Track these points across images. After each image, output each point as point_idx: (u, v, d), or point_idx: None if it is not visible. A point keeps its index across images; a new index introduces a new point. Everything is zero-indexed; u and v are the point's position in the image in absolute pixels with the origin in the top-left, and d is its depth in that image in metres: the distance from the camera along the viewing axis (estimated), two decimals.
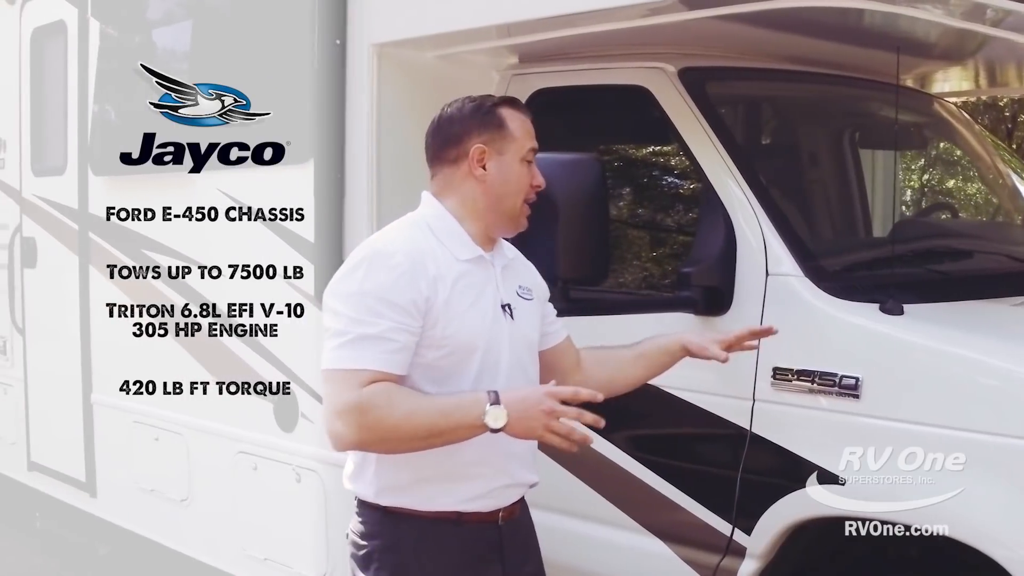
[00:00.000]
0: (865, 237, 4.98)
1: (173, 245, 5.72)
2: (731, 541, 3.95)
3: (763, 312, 3.88)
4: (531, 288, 3.36)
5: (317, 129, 4.90)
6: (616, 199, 4.74)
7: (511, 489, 3.26)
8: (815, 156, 5.20)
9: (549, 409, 2.89)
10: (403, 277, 3.01)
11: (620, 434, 4.23)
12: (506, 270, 3.28)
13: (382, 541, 3.17)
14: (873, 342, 3.68)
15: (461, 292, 3.10)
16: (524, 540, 3.38)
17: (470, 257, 3.17)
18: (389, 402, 2.93)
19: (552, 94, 4.66)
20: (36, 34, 7.14)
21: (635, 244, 4.66)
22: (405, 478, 3.13)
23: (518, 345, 3.22)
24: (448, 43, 4.77)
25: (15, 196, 7.40)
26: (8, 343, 7.57)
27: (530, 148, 3.22)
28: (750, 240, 3.97)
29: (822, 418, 3.71)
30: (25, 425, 7.42)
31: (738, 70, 4.77)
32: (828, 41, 4.65)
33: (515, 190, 3.20)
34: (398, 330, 2.99)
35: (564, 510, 4.34)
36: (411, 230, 3.18)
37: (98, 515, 6.81)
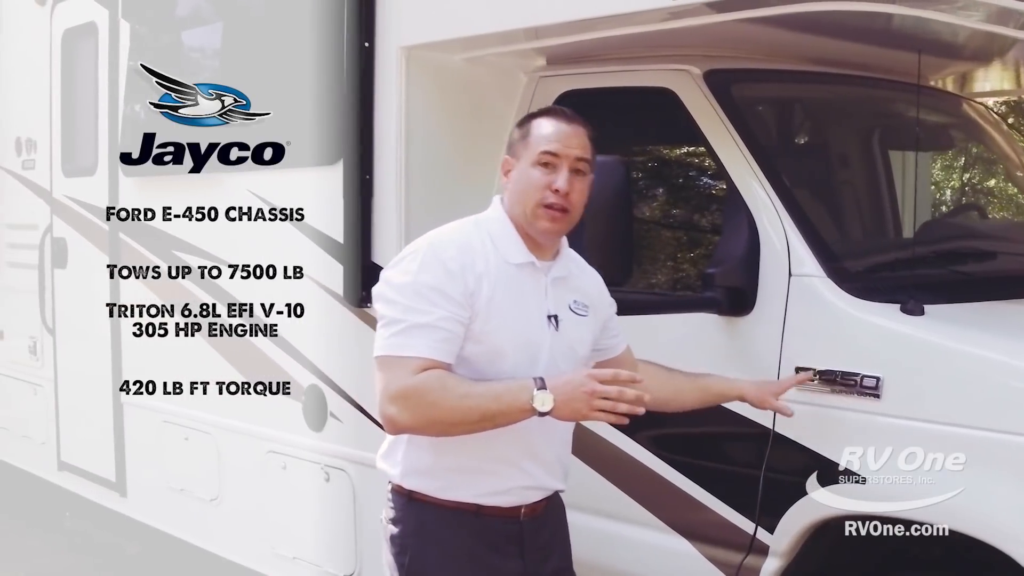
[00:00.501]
0: (888, 238, 5.05)
1: (202, 245, 5.87)
2: (754, 539, 4.05)
3: (786, 313, 3.98)
4: (588, 306, 3.49)
5: (347, 131, 5.01)
6: (641, 200, 4.84)
7: (532, 491, 3.40)
8: (839, 157, 5.26)
9: (591, 390, 3.04)
10: (454, 270, 3.19)
11: (644, 433, 4.34)
12: (559, 282, 3.42)
13: (406, 526, 3.36)
14: (893, 342, 3.77)
15: (505, 293, 3.26)
16: (550, 538, 3.50)
17: (521, 262, 3.32)
18: (443, 387, 3.11)
19: (579, 96, 4.75)
20: (67, 35, 7.29)
21: (659, 245, 4.76)
22: (430, 463, 3.31)
23: (558, 354, 3.35)
24: (476, 46, 4.87)
25: (45, 196, 7.54)
26: (38, 343, 7.70)
27: (543, 150, 3.30)
28: (773, 241, 4.07)
29: (844, 417, 3.80)
30: (55, 425, 7.56)
31: (763, 72, 4.86)
32: (853, 42, 4.72)
33: (525, 193, 3.32)
34: (449, 319, 3.17)
35: (589, 508, 4.45)
36: (468, 228, 3.36)
37: (128, 515, 6.95)
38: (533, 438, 3.27)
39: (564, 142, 3.31)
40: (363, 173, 4.97)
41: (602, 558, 4.44)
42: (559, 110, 3.45)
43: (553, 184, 3.29)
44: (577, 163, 3.32)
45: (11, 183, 8.03)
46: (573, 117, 3.40)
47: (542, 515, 3.45)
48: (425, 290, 3.17)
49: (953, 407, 3.61)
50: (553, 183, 3.29)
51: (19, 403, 8.11)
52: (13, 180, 8.01)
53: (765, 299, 4.05)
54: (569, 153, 3.31)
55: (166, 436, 6.45)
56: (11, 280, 8.10)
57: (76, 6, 7.22)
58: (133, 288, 6.16)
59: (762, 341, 4.04)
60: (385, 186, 4.93)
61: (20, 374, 8.05)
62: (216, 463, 6.15)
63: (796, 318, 3.97)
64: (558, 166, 3.30)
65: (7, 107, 8.15)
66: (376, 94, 4.95)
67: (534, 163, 3.31)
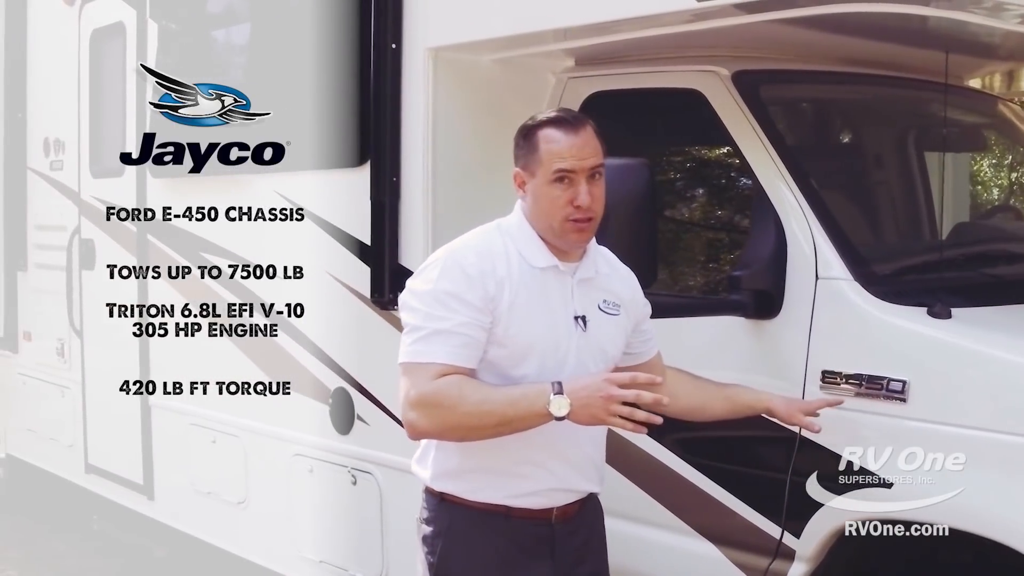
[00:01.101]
0: (917, 240, 5.08)
1: (228, 247, 5.97)
2: (780, 544, 4.09)
3: (812, 316, 4.03)
4: (619, 305, 3.54)
5: (374, 133, 5.10)
6: (668, 203, 4.91)
7: (562, 493, 3.47)
8: (868, 159, 5.30)
9: (607, 395, 3.11)
10: (474, 276, 3.27)
11: (671, 436, 4.39)
12: (586, 283, 3.47)
13: (436, 527, 3.46)
14: (920, 345, 3.82)
15: (528, 296, 3.33)
16: (583, 543, 3.56)
17: (544, 265, 3.39)
18: (460, 392, 3.20)
19: (607, 98, 4.83)
20: (95, 35, 7.40)
21: (686, 247, 4.83)
22: (457, 466, 3.40)
23: (586, 355, 3.41)
24: (504, 47, 4.94)
25: (73, 198, 7.65)
26: (66, 345, 7.81)
27: (559, 169, 3.32)
28: (801, 244, 4.12)
29: (870, 421, 3.84)
30: (82, 428, 7.67)
31: (792, 73, 4.90)
32: (884, 42, 4.75)
33: (548, 212, 3.36)
34: (469, 325, 3.25)
35: (615, 512, 4.50)
36: (490, 234, 3.44)
37: (155, 518, 7.06)
38: (560, 439, 3.32)
39: (577, 155, 3.34)
40: (390, 175, 5.04)
41: (628, 561, 4.48)
42: (562, 117, 3.45)
43: (575, 200, 3.32)
44: (593, 171, 3.36)
45: (40, 184, 8.16)
46: (578, 122, 3.42)
47: (575, 519, 3.52)
48: (444, 296, 3.26)
49: (979, 411, 3.65)
50: (575, 199, 3.32)
51: (46, 405, 8.22)
52: (41, 181, 8.14)
53: (792, 302, 4.10)
54: (584, 166, 3.34)
55: (193, 439, 6.55)
56: (39, 281, 8.23)
57: (104, 6, 7.33)
58: (160, 289, 6.27)
59: (788, 345, 4.09)
60: (412, 188, 5.00)
61: (47, 376, 8.16)
62: (243, 466, 6.25)
63: (823, 321, 4.02)
64: (575, 180, 3.33)
65: (36, 108, 8.28)
66: (403, 96, 5.03)
67: (551, 181, 3.34)
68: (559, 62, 5.12)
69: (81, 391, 7.66)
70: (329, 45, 5.44)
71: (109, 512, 7.66)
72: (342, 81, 5.32)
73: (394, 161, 5.05)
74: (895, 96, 5.27)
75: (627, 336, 3.61)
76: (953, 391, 3.73)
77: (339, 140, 5.33)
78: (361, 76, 5.16)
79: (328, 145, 5.38)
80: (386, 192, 5.04)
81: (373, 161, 5.12)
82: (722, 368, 4.24)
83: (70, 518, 8.29)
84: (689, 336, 4.29)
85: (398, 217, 5.06)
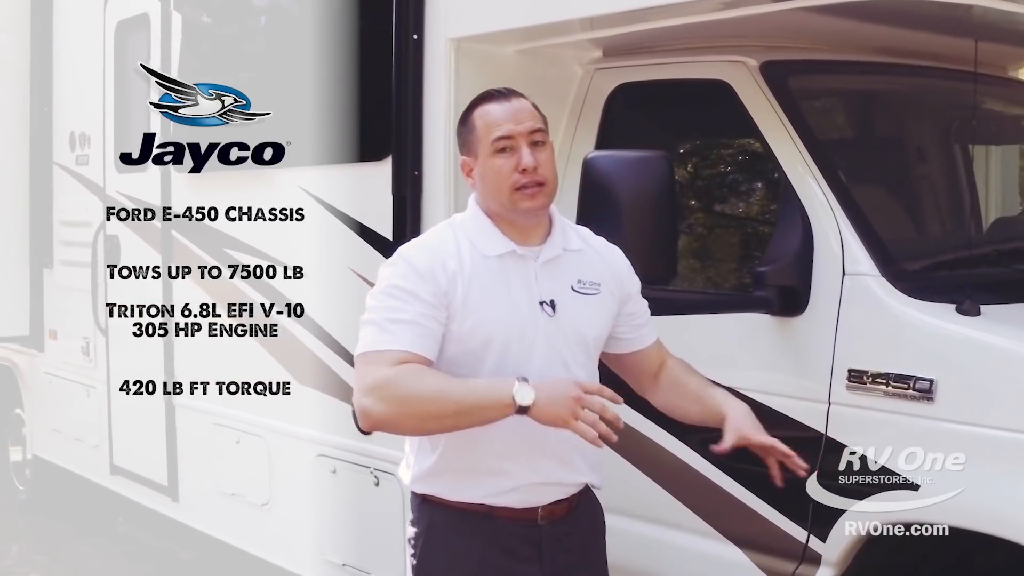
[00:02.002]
0: (947, 236, 5.06)
1: (251, 243, 6.03)
2: (806, 548, 4.10)
3: (839, 313, 4.04)
4: (599, 283, 3.50)
5: (395, 126, 5.13)
6: (693, 195, 4.93)
7: (546, 488, 3.44)
8: (900, 152, 5.27)
9: (576, 396, 3.10)
10: (424, 272, 3.30)
11: (695, 436, 4.38)
12: (553, 263, 3.44)
13: (418, 527, 3.48)
14: (947, 343, 3.82)
15: (483, 289, 3.33)
16: (575, 545, 3.53)
17: (500, 252, 3.39)
18: (419, 378, 3.19)
19: (633, 89, 4.87)
20: (120, 27, 7.48)
21: (710, 242, 4.84)
22: (434, 466, 3.40)
23: (558, 341, 3.39)
24: (529, 37, 4.96)
25: (99, 193, 7.73)
26: (91, 344, 7.89)
27: (496, 137, 3.36)
28: (828, 239, 4.11)
29: (897, 422, 3.85)
30: (108, 428, 7.76)
31: (823, 63, 4.89)
32: (918, 31, 4.74)
33: (495, 185, 3.38)
34: (424, 315, 3.26)
35: (639, 514, 4.56)
36: (442, 230, 3.49)
37: (180, 520, 7.14)
38: (540, 428, 3.22)
39: (513, 120, 3.37)
40: (412, 169, 5.07)
41: (651, 565, 4.53)
42: (493, 92, 3.48)
43: (519, 165, 3.34)
44: (533, 135, 3.38)
45: (65, 179, 8.23)
46: (510, 93, 3.45)
47: (565, 519, 3.49)
48: (397, 292, 3.28)
49: (1008, 411, 3.65)
50: (519, 164, 3.35)
51: (72, 405, 8.31)
52: (67, 176, 8.21)
53: (818, 299, 4.10)
54: (522, 129, 3.37)
55: (217, 439, 6.63)
56: (64, 279, 8.30)
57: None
58: (185, 287, 6.34)
59: (814, 343, 4.09)
60: (434, 182, 5.03)
61: (73, 375, 8.25)
62: (267, 467, 6.30)
63: (849, 319, 4.02)
64: (516, 147, 3.36)
65: (61, 101, 8.35)
66: (425, 88, 5.06)
67: (492, 153, 3.38)
68: (586, 53, 5.13)
69: (106, 391, 7.73)
70: (353, 37, 5.49)
71: (134, 514, 7.76)
72: (366, 73, 5.37)
73: (416, 155, 5.07)
74: (930, 87, 5.25)
75: (612, 317, 3.57)
76: (981, 390, 3.73)
77: (360, 134, 5.38)
78: (383, 68, 5.18)
79: (350, 139, 5.43)
80: (408, 186, 5.07)
81: (395, 155, 5.15)
82: (746, 367, 4.28)
83: (96, 520, 8.40)
84: (712, 334, 4.31)
85: (420, 212, 5.09)
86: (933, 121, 5.44)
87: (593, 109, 4.97)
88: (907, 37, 4.81)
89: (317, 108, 5.56)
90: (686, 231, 4.72)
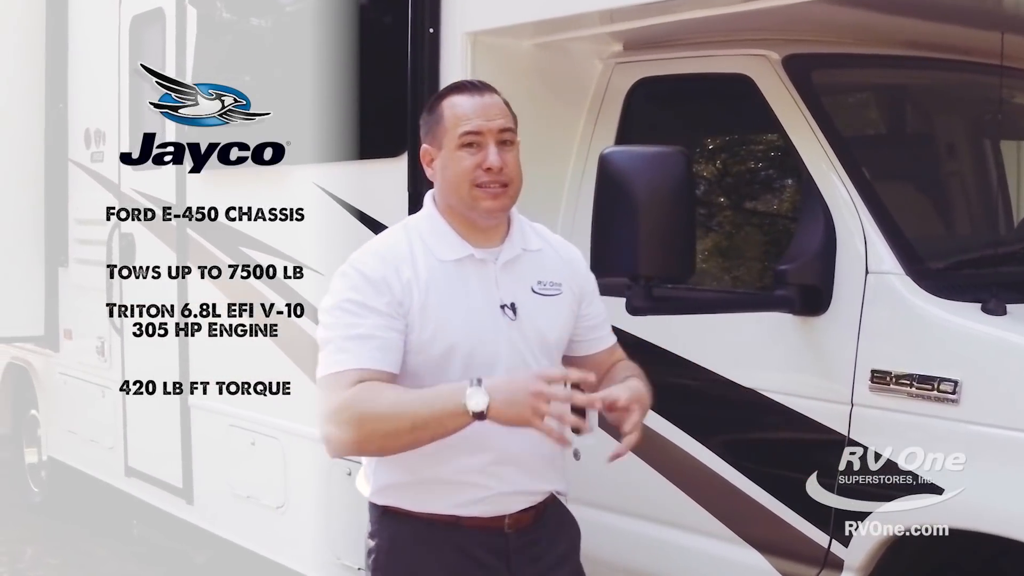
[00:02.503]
0: (974, 234, 5.01)
1: (268, 241, 6.01)
2: (828, 553, 4.06)
3: (862, 312, 4.01)
4: (559, 283, 3.43)
5: (411, 121, 5.09)
6: (713, 192, 4.91)
7: (514, 497, 3.36)
8: (927, 148, 5.23)
9: (537, 391, 2.92)
10: (376, 280, 3.20)
11: (715, 438, 4.40)
12: (512, 266, 3.37)
13: (379, 540, 3.38)
14: (973, 343, 3.79)
15: (441, 295, 3.25)
16: (542, 554, 3.44)
17: (456, 257, 3.31)
18: (373, 396, 3.06)
19: (654, 84, 4.84)
20: (135, 22, 7.48)
21: (730, 239, 4.80)
22: (400, 479, 3.31)
23: (522, 347, 3.32)
24: (547, 30, 4.93)
25: (114, 190, 7.72)
26: (106, 344, 7.89)
27: (464, 131, 3.26)
28: (851, 236, 4.09)
29: (920, 424, 3.81)
30: (122, 429, 7.76)
31: (848, 57, 4.85)
32: (946, 24, 4.69)
33: (455, 181, 3.28)
34: (382, 327, 3.17)
35: (657, 517, 4.55)
36: (395, 235, 3.39)
37: (194, 523, 7.13)
38: (502, 438, 3.15)
39: (483, 116, 3.28)
40: None
41: (670, 569, 4.51)
42: (466, 83, 3.41)
43: (484, 163, 3.25)
44: (502, 134, 3.29)
45: (80, 176, 8.23)
46: (483, 87, 3.36)
47: (533, 528, 3.42)
48: (350, 305, 3.19)
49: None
50: (484, 162, 3.25)
51: (87, 406, 8.32)
52: (82, 173, 8.20)
53: (840, 298, 4.07)
54: (491, 127, 3.27)
55: (232, 441, 6.62)
56: (79, 277, 8.30)
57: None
58: (202, 287, 6.34)
59: (837, 343, 4.06)
60: None
61: (88, 376, 8.26)
62: (282, 469, 6.29)
63: (872, 318, 3.99)
64: (483, 144, 3.27)
65: (77, 97, 8.35)
66: (441, 83, 4.97)
67: (457, 147, 3.28)
68: (606, 47, 5.11)
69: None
70: (369, 30, 5.48)
71: (149, 516, 7.75)
72: (382, 68, 5.36)
73: None
74: (958, 81, 5.22)
75: (573, 318, 3.49)
76: (1006, 391, 3.69)
77: (376, 129, 5.37)
78: (399, 62, 5.16)
79: (365, 135, 5.43)
80: (423, 183, 5.02)
81: (411, 151, 5.10)
82: (767, 368, 4.26)
83: (111, 523, 8.41)
84: (732, 333, 4.29)
85: None
86: (961, 116, 5.39)
87: (612, 104, 4.95)
88: (934, 30, 4.76)
89: (333, 104, 5.54)
90: (706, 228, 4.70)
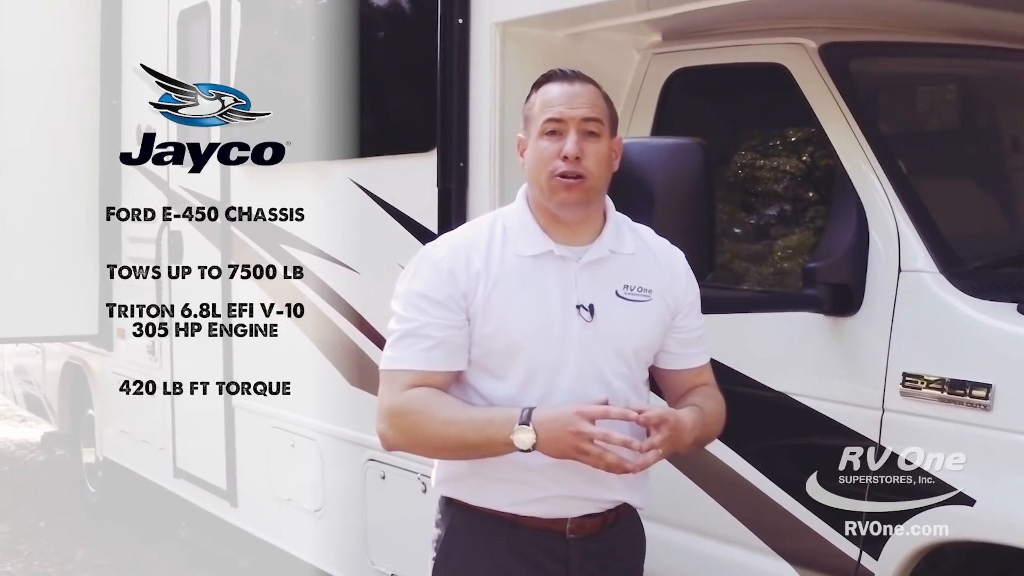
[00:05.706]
0: (1014, 232, 4.84)
1: (306, 239, 5.99)
2: (859, 566, 3.97)
3: (894, 312, 3.89)
4: (650, 289, 3.31)
5: (440, 116, 5.04)
6: (743, 187, 4.79)
7: (574, 501, 3.28)
8: (968, 141, 5.11)
9: (576, 431, 3.01)
10: (443, 271, 3.19)
11: (748, 447, 4.30)
12: (597, 265, 3.27)
13: (442, 530, 3.41)
14: (1007, 345, 3.67)
15: (509, 291, 3.20)
16: (609, 565, 3.37)
17: (534, 253, 3.25)
18: (426, 409, 3.16)
19: (690, 74, 4.75)
20: (182, 17, 7.51)
21: (759, 236, 4.69)
22: (460, 471, 3.31)
23: (595, 350, 3.23)
24: (581, 19, 4.84)
25: (163, 188, 7.74)
26: (156, 344, 7.90)
27: (547, 119, 3.21)
28: (884, 233, 3.98)
29: (951, 430, 3.70)
30: (171, 430, 7.79)
31: (887, 45, 4.72)
32: (994, 10, 4.58)
33: (536, 169, 3.23)
34: (436, 326, 3.17)
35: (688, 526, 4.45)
36: (478, 225, 3.37)
37: (237, 525, 7.15)
38: None
39: (567, 104, 3.22)
40: (457, 161, 4.99)
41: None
42: (560, 71, 3.33)
43: (562, 151, 3.19)
44: (585, 124, 3.22)
45: (133, 174, 8.24)
46: (575, 76, 3.30)
47: (598, 536, 3.33)
48: (415, 297, 3.22)
49: None
50: (561, 150, 3.19)
51: (139, 407, 8.29)
52: (134, 171, 8.20)
53: (872, 297, 3.97)
54: (574, 115, 3.21)
55: (273, 443, 6.61)
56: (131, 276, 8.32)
57: None
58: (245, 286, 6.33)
59: (868, 344, 3.96)
60: (480, 174, 4.94)
61: (140, 375, 8.25)
62: (320, 472, 6.26)
63: (905, 318, 3.88)
64: (565, 132, 3.21)
65: (129, 94, 8.38)
66: (471, 76, 4.96)
67: (541, 134, 3.23)
68: (644, 37, 5.02)
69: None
70: (400, 24, 5.44)
71: (196, 518, 7.79)
72: (409, 60, 5.33)
73: (461, 146, 4.99)
74: (1007, 71, 5.07)
75: (663, 327, 3.36)
76: None
77: (406, 124, 5.32)
78: (429, 55, 5.10)
79: (396, 130, 5.38)
80: (452, 178, 4.99)
81: (440, 146, 5.06)
82: (796, 370, 4.17)
83: (162, 525, 8.44)
84: (759, 334, 4.19)
85: (465, 205, 5.00)
86: (1007, 109, 5.22)
87: (649, 96, 4.85)
88: (979, 16, 4.64)
89: (368, 99, 5.50)
90: (734, 223, 4.59)
